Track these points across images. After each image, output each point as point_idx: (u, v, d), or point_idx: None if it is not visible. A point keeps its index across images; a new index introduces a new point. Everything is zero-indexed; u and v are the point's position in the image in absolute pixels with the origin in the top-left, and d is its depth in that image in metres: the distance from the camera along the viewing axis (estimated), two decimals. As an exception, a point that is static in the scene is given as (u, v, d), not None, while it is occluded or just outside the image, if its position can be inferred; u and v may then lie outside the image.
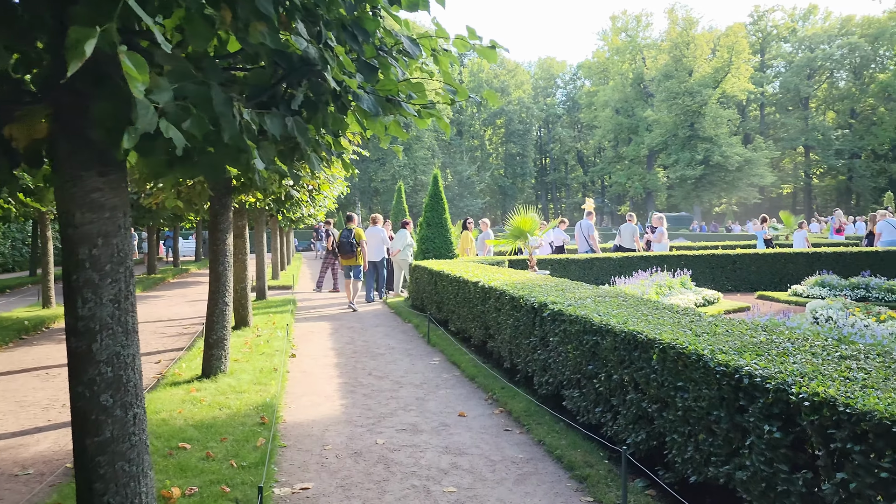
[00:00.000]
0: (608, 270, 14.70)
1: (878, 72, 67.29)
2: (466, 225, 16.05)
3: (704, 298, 12.39)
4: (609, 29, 71.71)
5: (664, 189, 65.44)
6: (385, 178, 59.36)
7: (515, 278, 8.27)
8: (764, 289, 15.08)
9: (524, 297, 6.53)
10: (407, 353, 9.03)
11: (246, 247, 9.88)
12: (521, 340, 6.62)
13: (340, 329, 11.15)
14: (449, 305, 9.98)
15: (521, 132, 74.42)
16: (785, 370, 3.13)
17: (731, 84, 58.22)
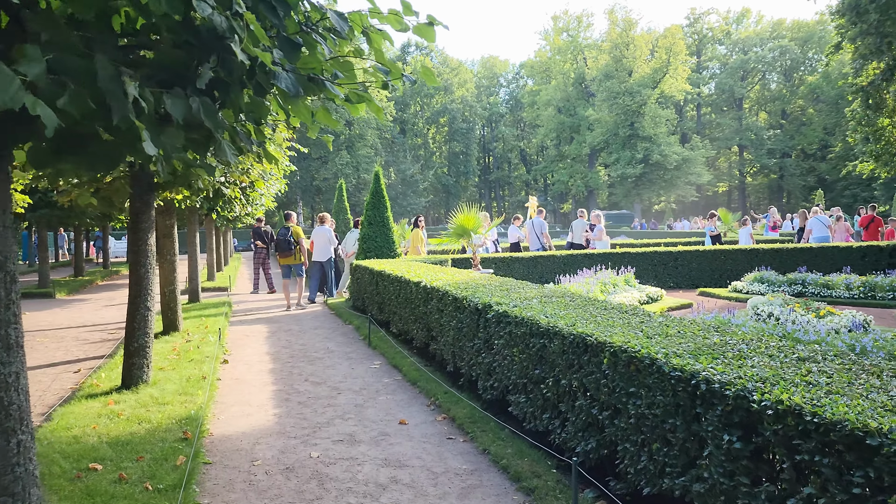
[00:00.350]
0: (553, 269, 14.60)
1: (808, 74, 69.78)
2: (417, 223, 15.72)
3: (648, 296, 12.39)
4: (551, 29, 72.32)
5: (605, 187, 66.38)
6: (327, 177, 58.47)
7: (459, 278, 8.00)
8: (705, 285, 15.23)
9: (468, 298, 6.26)
10: (346, 356, 8.66)
11: (175, 247, 9.35)
12: (464, 343, 6.35)
13: (278, 332, 10.70)
14: (391, 306, 9.65)
15: (464, 131, 74.39)
16: (744, 375, 2.92)
17: (669, 84, 59.41)
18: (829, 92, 64.88)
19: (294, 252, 13.83)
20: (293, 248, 13.79)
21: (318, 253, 14.64)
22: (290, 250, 13.77)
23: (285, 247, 13.76)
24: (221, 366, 8.03)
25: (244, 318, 12.31)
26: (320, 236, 14.52)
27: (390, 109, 65.09)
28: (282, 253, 13.87)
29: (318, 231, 14.61)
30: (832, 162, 65.31)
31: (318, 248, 14.58)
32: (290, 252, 13.80)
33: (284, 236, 13.82)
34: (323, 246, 14.48)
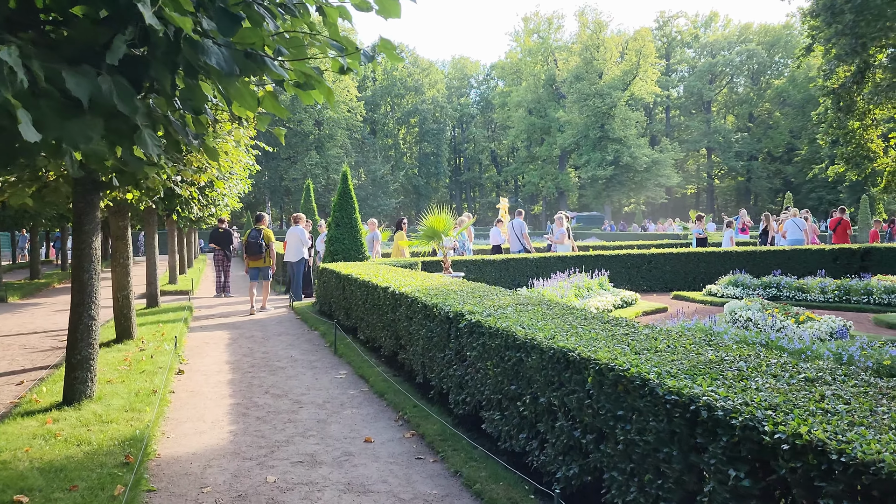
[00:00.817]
0: (525, 272, 14.29)
1: (774, 78, 70.70)
2: (400, 226, 15.34)
3: (622, 300, 12.12)
4: (521, 30, 72.37)
5: (576, 189, 66.51)
6: (296, 177, 57.68)
7: (429, 283, 7.61)
8: (679, 288, 15.04)
9: (438, 306, 5.87)
10: (311, 365, 8.22)
11: (129, 250, 8.81)
12: (434, 353, 5.96)
13: (239, 339, 10.20)
14: (357, 312, 9.23)
15: (435, 131, 74.03)
16: (750, 400, 2.58)
17: (639, 87, 59.71)
18: (795, 96, 65.80)
19: (264, 255, 13.45)
20: (263, 251, 13.42)
21: (289, 253, 14.34)
22: (259, 253, 13.40)
23: (255, 249, 13.37)
24: (176, 377, 7.54)
25: (205, 324, 11.77)
26: (293, 237, 14.24)
27: (360, 109, 64.48)
28: (251, 255, 13.47)
29: (291, 231, 14.33)
30: (798, 165, 66.28)
31: (290, 249, 14.28)
32: (259, 255, 13.42)
33: (255, 238, 13.42)
34: (295, 246, 14.16)
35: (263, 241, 13.44)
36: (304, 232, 14.34)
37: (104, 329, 9.96)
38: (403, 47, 78.43)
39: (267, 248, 13.49)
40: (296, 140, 59.67)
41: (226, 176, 8.69)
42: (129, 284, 8.81)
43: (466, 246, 16.28)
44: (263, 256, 13.47)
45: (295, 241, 14.30)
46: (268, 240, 13.53)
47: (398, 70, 73.85)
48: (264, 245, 13.43)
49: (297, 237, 14.24)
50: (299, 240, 14.23)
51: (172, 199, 8.78)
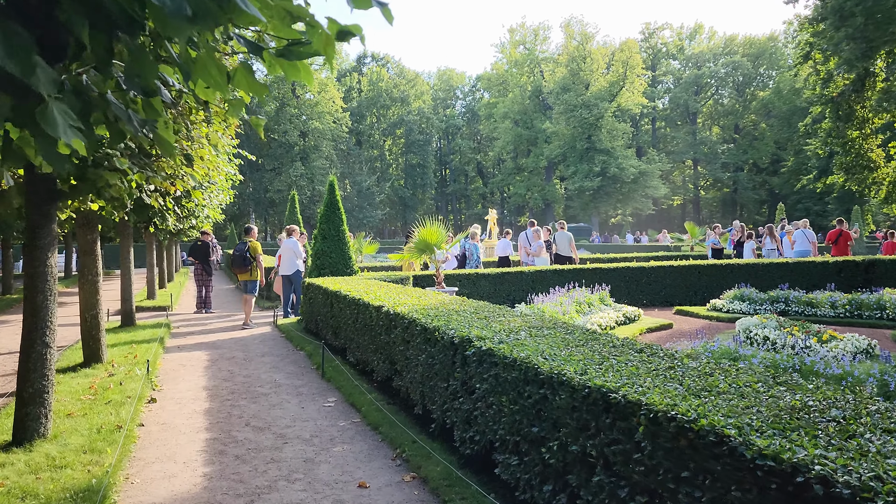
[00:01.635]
0: (521, 286, 13.68)
1: (759, 89, 70.90)
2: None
3: (625, 315, 11.54)
4: (507, 42, 72.16)
5: (563, 200, 66.17)
6: (281, 189, 56.90)
7: (426, 302, 6.97)
8: (680, 303, 14.50)
9: (440, 330, 5.23)
10: (296, 391, 7.53)
11: (97, 265, 8.10)
12: (436, 383, 5.31)
13: (220, 360, 9.48)
14: (347, 332, 8.56)
15: (421, 143, 73.53)
16: (884, 474, 1.95)
17: (625, 98, 59.55)
18: (780, 107, 65.93)
19: (250, 268, 13.04)
20: (249, 264, 13.01)
21: (283, 266, 13.93)
22: (244, 266, 13.01)
23: (240, 262, 12.98)
24: (147, 406, 6.83)
25: (183, 343, 11.03)
26: (287, 249, 13.82)
27: (346, 120, 63.86)
28: (237, 268, 13.10)
29: (285, 244, 13.90)
30: (784, 176, 66.33)
31: (284, 262, 13.90)
32: (245, 268, 13.02)
33: (241, 251, 13.01)
34: (289, 259, 13.83)
35: (249, 253, 13.00)
36: (297, 244, 13.88)
37: (71, 352, 9.20)
38: (389, 59, 78.07)
39: (253, 261, 13.03)
40: (280, 151, 58.93)
41: (203, 185, 8.02)
42: (98, 303, 8.09)
43: (475, 255, 15.75)
44: (249, 269, 13.04)
45: (289, 254, 13.86)
46: (254, 252, 13.07)
47: (384, 81, 73.44)
48: (250, 258, 12.99)
49: (290, 250, 13.77)
50: (293, 252, 13.77)
51: (144, 211, 8.09)
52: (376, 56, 78.04)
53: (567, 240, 17.22)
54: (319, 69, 63.37)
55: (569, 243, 17.13)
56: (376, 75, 73.85)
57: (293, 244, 13.78)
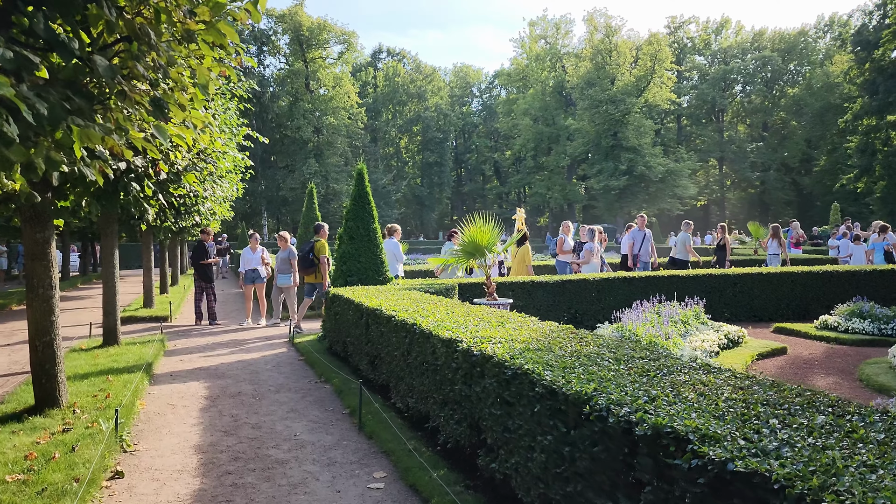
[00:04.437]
0: (584, 297, 11.44)
1: (789, 86, 68.20)
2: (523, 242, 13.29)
3: (727, 337, 9.28)
4: (527, 36, 69.71)
5: (585, 200, 63.71)
6: (294, 186, 54.77)
7: (521, 334, 4.73)
8: (771, 318, 12.21)
9: (592, 401, 2.97)
10: (327, 457, 5.29)
11: (52, 273, 5.91)
12: (581, 489, 3.06)
13: (222, 397, 7.28)
14: (392, 366, 6.33)
15: (438, 140, 71.31)
16: None
17: (653, 93, 57.04)
18: (812, 104, 63.24)
19: (316, 269, 12.06)
20: (314, 266, 12.04)
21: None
22: (310, 267, 12.02)
23: (306, 263, 12.04)
24: (109, 487, 4.62)
25: (178, 369, 8.84)
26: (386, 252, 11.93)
27: (361, 116, 61.76)
28: (302, 270, 12.21)
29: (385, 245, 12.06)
30: (816, 176, 63.60)
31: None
32: (311, 269, 12.06)
33: (305, 252, 12.09)
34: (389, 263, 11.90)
35: (314, 254, 11.93)
36: (397, 246, 12.40)
37: (21, 391, 6.98)
38: (405, 53, 75.93)
39: (319, 262, 11.91)
40: (294, 148, 56.87)
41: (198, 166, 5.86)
42: (52, 327, 5.89)
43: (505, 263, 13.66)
44: (314, 271, 12.08)
45: (388, 256, 11.92)
46: (318, 252, 11.91)
47: (400, 76, 71.35)
48: (316, 259, 11.94)
49: (389, 252, 12.05)
50: (393, 255, 12.14)
51: (111, 198, 5.87)
52: (392, 51, 75.87)
53: (684, 241, 15.19)
54: (334, 63, 61.40)
55: (685, 245, 15.10)
56: (392, 70, 71.75)
57: (393, 245, 12.23)
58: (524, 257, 13.01)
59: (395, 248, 12.31)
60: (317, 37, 57.63)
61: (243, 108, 11.80)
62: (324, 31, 57.75)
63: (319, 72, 58.80)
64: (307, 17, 57.17)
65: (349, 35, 60.82)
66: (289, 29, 57.37)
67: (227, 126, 10.28)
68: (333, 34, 59.23)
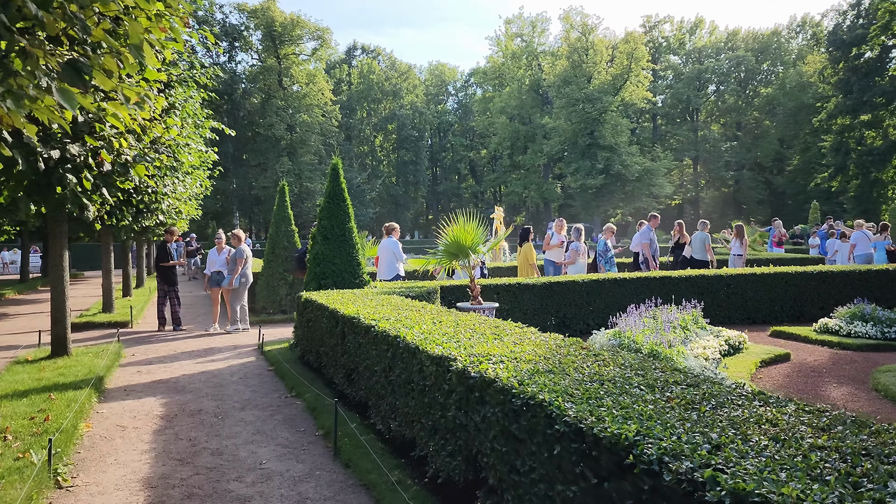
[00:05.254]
0: (574, 300, 10.82)
1: (763, 86, 68.53)
2: (527, 236, 12.78)
3: (728, 343, 8.70)
4: (503, 34, 69.14)
5: (562, 199, 63.34)
6: (266, 185, 53.58)
7: (524, 350, 4.05)
8: (763, 319, 11.71)
9: (622, 441, 2.30)
10: (296, 491, 4.57)
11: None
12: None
13: (180, 416, 6.51)
14: (372, 382, 5.63)
15: (413, 138, 70.47)
16: None
17: (630, 92, 56.79)
18: (786, 104, 63.55)
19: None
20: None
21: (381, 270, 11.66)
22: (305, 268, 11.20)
23: (302, 265, 11.49)
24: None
25: (134, 383, 8.04)
26: (385, 251, 11.65)
27: (335, 114, 60.72)
28: (300, 271, 11.82)
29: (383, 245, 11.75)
30: (790, 175, 63.94)
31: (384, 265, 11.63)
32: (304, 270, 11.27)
33: (303, 253, 11.71)
34: (388, 262, 11.62)
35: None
36: (397, 244, 11.66)
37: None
38: (381, 51, 75.00)
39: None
40: (266, 146, 55.66)
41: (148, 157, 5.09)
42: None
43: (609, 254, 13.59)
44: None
45: (388, 256, 11.62)
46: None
47: (375, 73, 70.41)
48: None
49: (389, 251, 11.62)
50: (393, 254, 11.56)
51: (47, 192, 5.04)
52: (367, 48, 74.86)
53: (702, 241, 14.59)
54: (308, 59, 60.32)
55: (704, 245, 14.50)
56: (367, 67, 70.77)
57: (393, 244, 11.63)
58: (528, 255, 12.39)
59: (395, 247, 11.70)
60: (290, 32, 56.50)
61: (207, 97, 10.99)
62: (297, 26, 56.63)
63: (293, 68, 57.67)
64: (280, 12, 56.00)
65: (323, 31, 59.76)
66: (261, 24, 56.13)
67: (190, 116, 9.51)
68: (307, 30, 58.13)
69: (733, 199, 71.92)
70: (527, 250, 12.36)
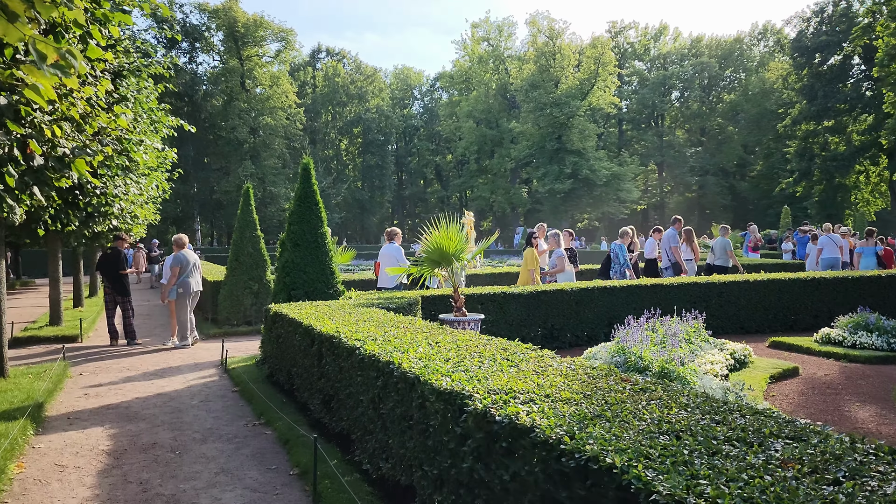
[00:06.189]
0: (562, 310, 10.17)
1: (726, 92, 69.24)
2: (531, 241, 12.06)
3: (734, 357, 8.10)
4: (469, 38, 68.64)
5: (529, 203, 62.99)
6: (229, 189, 52.12)
7: (562, 381, 3.31)
8: (756, 329, 11.22)
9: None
10: (271, 554, 3.77)
11: None
12: None
13: (130, 452, 5.63)
14: (354, 410, 4.84)
15: (379, 143, 69.52)
16: None
17: (597, 97, 56.71)
18: (749, 110, 64.26)
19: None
20: None
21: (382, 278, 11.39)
22: None
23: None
24: None
25: (79, 408, 7.11)
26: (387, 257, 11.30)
27: (300, 117, 59.50)
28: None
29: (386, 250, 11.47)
30: (753, 180, 64.62)
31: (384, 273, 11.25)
32: None
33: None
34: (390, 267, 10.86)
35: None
36: (400, 251, 11.41)
37: None
38: (346, 53, 73.94)
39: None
40: (228, 149, 54.17)
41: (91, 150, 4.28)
42: None
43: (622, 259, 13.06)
44: None
45: (390, 263, 11.04)
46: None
47: (340, 76, 69.33)
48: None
49: (392, 257, 11.23)
50: (396, 261, 11.04)
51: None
52: (332, 51, 73.71)
53: (723, 246, 14.23)
54: (272, 61, 59.05)
55: (726, 251, 14.16)
56: (332, 70, 69.64)
57: (395, 250, 11.33)
58: (528, 261, 11.66)
59: (398, 254, 11.22)
60: (253, 33, 55.15)
61: (164, 89, 10.06)
62: (260, 27, 55.31)
63: (256, 70, 56.32)
64: (243, 12, 54.65)
65: (287, 32, 58.51)
66: (223, 25, 54.67)
67: (146, 111, 8.61)
68: (271, 31, 56.83)
69: (698, 204, 72.47)
70: (528, 256, 11.67)
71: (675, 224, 14.07)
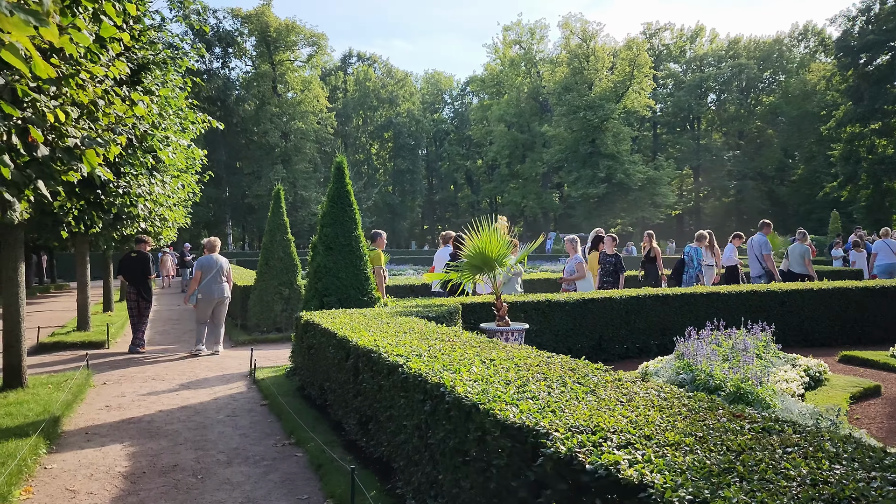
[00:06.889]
0: (610, 320, 9.47)
1: (765, 94, 67.57)
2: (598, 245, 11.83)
3: (808, 374, 7.36)
4: (500, 42, 68.07)
5: (561, 208, 62.08)
6: (260, 193, 52.13)
7: (659, 417, 2.68)
8: (823, 341, 10.38)
9: None
10: None
11: None
12: None
13: (148, 476, 5.12)
14: (397, 437, 4.25)
15: (410, 147, 69.24)
16: None
17: (632, 99, 55.66)
18: (789, 112, 62.58)
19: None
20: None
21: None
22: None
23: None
24: None
25: (99, 422, 6.64)
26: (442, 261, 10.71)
27: (331, 121, 59.44)
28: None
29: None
30: (794, 185, 62.90)
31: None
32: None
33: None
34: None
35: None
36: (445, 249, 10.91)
37: None
38: (377, 58, 73.86)
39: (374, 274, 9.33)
40: (260, 153, 54.26)
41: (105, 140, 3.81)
42: None
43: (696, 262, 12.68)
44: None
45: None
46: (375, 262, 9.61)
47: (371, 81, 69.20)
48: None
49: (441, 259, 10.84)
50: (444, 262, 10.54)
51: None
52: (363, 55, 73.70)
53: (801, 253, 13.68)
54: (303, 66, 59.07)
55: (802, 257, 13.61)
56: (363, 74, 69.57)
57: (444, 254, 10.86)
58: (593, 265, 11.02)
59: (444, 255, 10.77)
60: (285, 38, 55.24)
61: (190, 82, 9.60)
62: (292, 32, 55.38)
63: (287, 75, 56.40)
64: (275, 17, 54.76)
65: (318, 37, 58.51)
66: (255, 30, 54.84)
67: (172, 106, 8.16)
68: (302, 36, 56.88)
69: (735, 209, 70.79)
70: (592, 260, 11.01)
71: (764, 229, 13.38)
